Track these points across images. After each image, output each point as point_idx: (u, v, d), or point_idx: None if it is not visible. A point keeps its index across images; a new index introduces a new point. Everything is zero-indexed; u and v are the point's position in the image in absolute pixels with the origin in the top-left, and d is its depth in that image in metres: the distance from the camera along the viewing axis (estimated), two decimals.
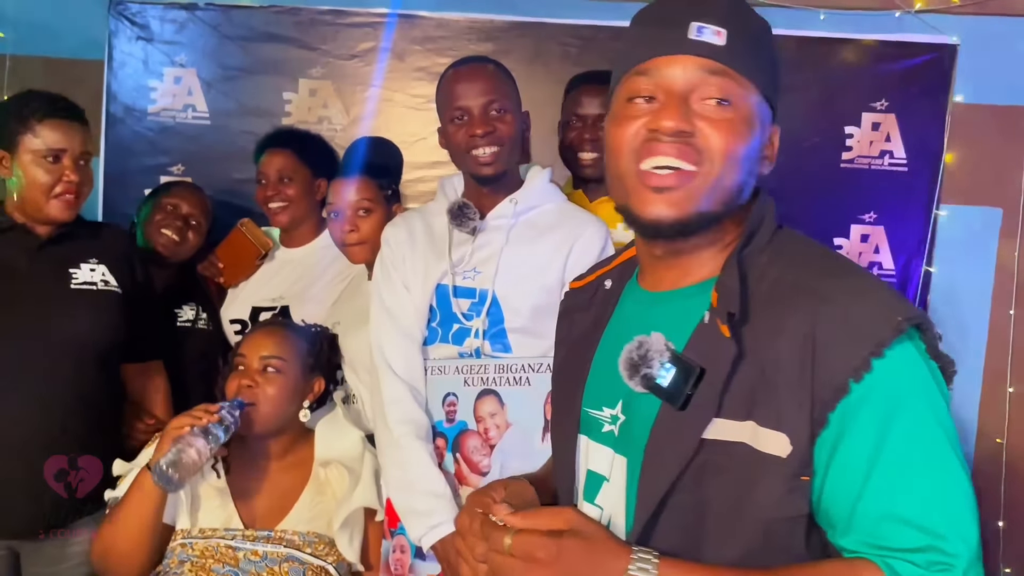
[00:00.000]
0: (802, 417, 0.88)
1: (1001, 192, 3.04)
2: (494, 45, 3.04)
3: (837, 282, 0.92)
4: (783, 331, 0.90)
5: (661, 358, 0.95)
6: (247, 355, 1.85)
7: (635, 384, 0.97)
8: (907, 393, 0.88)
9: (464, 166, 1.80)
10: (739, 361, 0.92)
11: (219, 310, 2.47)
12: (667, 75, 0.97)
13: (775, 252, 0.99)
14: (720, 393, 0.92)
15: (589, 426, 1.11)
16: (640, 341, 0.97)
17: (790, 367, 0.89)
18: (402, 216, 1.96)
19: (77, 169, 1.93)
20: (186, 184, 2.66)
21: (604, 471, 1.07)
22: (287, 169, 2.39)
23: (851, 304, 0.90)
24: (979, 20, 2.99)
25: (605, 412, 1.07)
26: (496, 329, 1.75)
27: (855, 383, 0.87)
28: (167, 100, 3.10)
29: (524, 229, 1.79)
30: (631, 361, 0.97)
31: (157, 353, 2.25)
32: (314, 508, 1.84)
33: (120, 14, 3.08)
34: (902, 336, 0.88)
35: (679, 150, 0.95)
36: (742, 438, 0.91)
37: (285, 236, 2.49)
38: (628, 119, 0.99)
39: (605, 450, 1.07)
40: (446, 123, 1.78)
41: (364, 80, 3.10)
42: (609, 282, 1.17)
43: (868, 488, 0.88)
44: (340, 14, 3.07)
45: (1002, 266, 3.04)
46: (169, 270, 2.43)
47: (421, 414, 1.77)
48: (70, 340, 1.94)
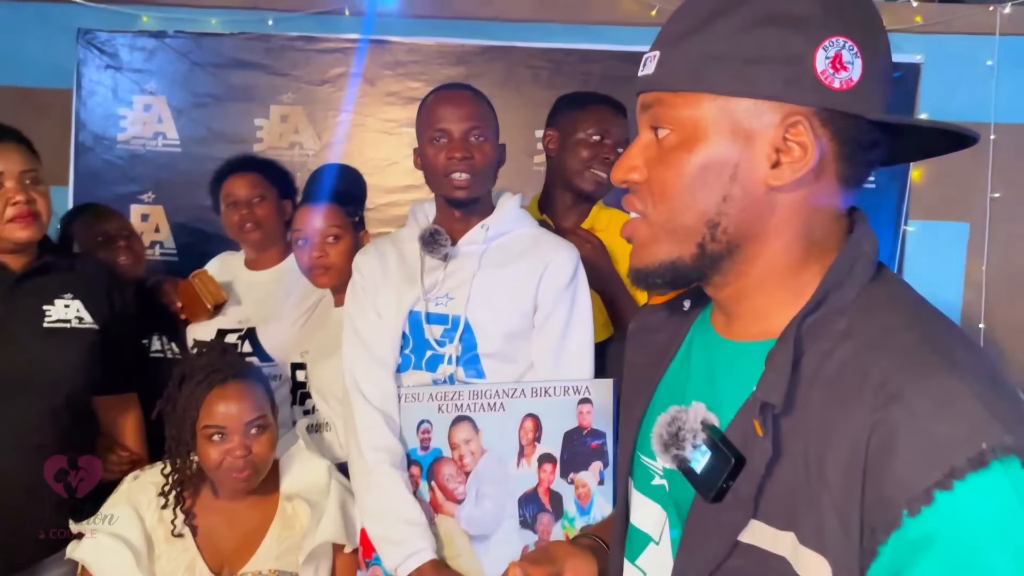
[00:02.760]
0: (848, 544, 0.69)
1: (967, 207, 3.09)
2: (465, 69, 3.05)
3: (921, 377, 0.69)
4: (835, 431, 0.71)
5: (695, 440, 0.80)
6: (228, 426, 1.74)
7: (667, 462, 0.83)
8: (988, 543, 0.64)
9: (439, 188, 1.80)
10: (776, 461, 0.75)
11: (184, 333, 2.45)
12: (637, 122, 0.87)
13: (857, 318, 0.76)
14: (756, 492, 0.75)
15: (638, 474, 0.96)
16: (674, 415, 0.83)
17: (837, 479, 0.70)
18: (373, 243, 1.95)
19: (22, 188, 1.87)
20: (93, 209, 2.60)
21: (651, 531, 0.92)
22: (258, 189, 2.37)
23: (927, 411, 0.67)
24: (942, 39, 3.05)
25: (658, 463, 0.91)
26: (469, 355, 1.74)
27: (910, 517, 0.65)
28: (137, 128, 3.10)
29: (496, 254, 1.79)
30: (662, 437, 0.83)
31: (131, 386, 2.22)
32: (282, 544, 1.80)
33: (88, 43, 3.07)
34: (988, 467, 0.64)
35: (628, 202, 0.87)
36: (782, 552, 0.74)
37: (251, 260, 2.46)
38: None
39: (652, 506, 0.92)
40: (424, 143, 1.78)
41: (335, 105, 3.10)
42: (688, 303, 0.98)
43: None
44: (311, 40, 3.08)
45: (970, 280, 3.09)
46: (130, 298, 2.41)
47: (395, 442, 1.76)
48: (43, 382, 1.90)
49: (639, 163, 0.84)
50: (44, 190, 1.94)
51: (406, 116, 3.08)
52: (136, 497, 1.79)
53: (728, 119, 0.78)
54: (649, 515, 0.92)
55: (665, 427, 0.83)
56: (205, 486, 1.83)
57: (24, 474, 1.87)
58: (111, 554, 1.71)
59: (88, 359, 1.98)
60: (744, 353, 0.84)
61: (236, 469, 1.74)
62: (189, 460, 1.79)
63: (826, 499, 0.70)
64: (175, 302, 2.41)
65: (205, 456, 1.76)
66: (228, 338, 2.32)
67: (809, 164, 0.77)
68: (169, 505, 1.77)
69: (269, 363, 2.25)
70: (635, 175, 0.84)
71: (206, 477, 1.82)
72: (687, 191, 0.80)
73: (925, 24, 3.05)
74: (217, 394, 1.76)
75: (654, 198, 0.82)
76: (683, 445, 0.81)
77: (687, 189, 0.80)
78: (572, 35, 3.05)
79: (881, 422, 0.68)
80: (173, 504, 1.77)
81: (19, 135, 1.94)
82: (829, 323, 0.77)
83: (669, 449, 0.82)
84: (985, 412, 0.66)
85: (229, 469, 1.74)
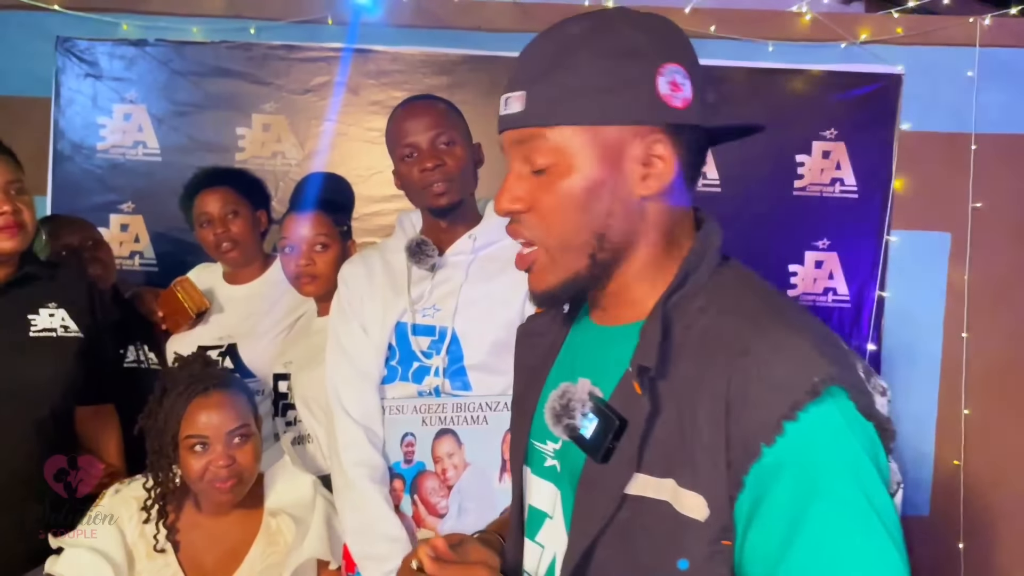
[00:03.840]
0: (718, 479, 0.82)
1: (949, 217, 3.11)
2: (449, 79, 3.04)
3: (762, 334, 0.84)
4: (701, 386, 0.85)
5: (584, 408, 0.91)
6: (210, 435, 1.72)
7: (559, 432, 0.94)
8: (828, 462, 0.79)
9: (420, 202, 1.79)
10: (655, 417, 0.87)
11: (163, 346, 2.41)
12: (509, 153, 0.96)
13: (711, 295, 0.92)
14: (639, 448, 0.87)
15: (533, 459, 1.08)
16: (564, 389, 0.94)
17: (706, 425, 0.83)
18: (360, 254, 1.93)
19: (8, 199, 1.87)
20: (56, 221, 2.54)
21: (546, 507, 1.03)
22: (230, 205, 2.31)
23: (769, 359, 0.82)
24: (922, 50, 3.07)
25: (548, 446, 1.04)
26: (456, 367, 1.73)
27: (767, 447, 0.79)
28: (117, 137, 3.06)
29: (483, 265, 1.78)
30: (554, 410, 0.93)
31: (109, 396, 2.19)
32: (266, 559, 1.78)
33: (68, 51, 3.03)
34: (821, 397, 0.79)
35: (514, 231, 0.98)
36: (664, 496, 0.86)
37: (229, 274, 2.42)
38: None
39: (546, 485, 1.04)
40: (398, 163, 1.77)
41: (318, 114, 3.08)
42: (567, 306, 1.11)
43: (785, 567, 0.78)
44: (293, 49, 3.06)
45: (953, 289, 3.11)
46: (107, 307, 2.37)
47: (377, 457, 1.74)
48: (29, 389, 1.89)
49: (521, 194, 0.94)
50: (29, 200, 1.94)
51: None
52: (117, 511, 1.77)
53: (597, 144, 0.90)
54: (544, 494, 1.04)
55: (557, 400, 0.94)
56: (188, 501, 1.81)
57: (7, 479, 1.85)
58: (91, 569, 1.68)
59: (74, 367, 1.97)
60: (619, 335, 0.97)
61: (219, 479, 1.72)
62: (172, 473, 1.77)
63: (698, 445, 0.84)
64: (156, 312, 2.37)
65: (188, 467, 1.73)
66: (209, 354, 2.29)
67: (672, 173, 0.91)
68: (152, 520, 1.75)
69: (251, 379, 2.22)
70: (519, 205, 0.95)
71: (189, 492, 1.79)
72: (575, 212, 0.92)
73: (906, 35, 3.07)
74: (198, 404, 1.74)
75: (546, 224, 0.93)
76: (573, 414, 0.91)
77: (575, 210, 0.92)
78: None
79: (736, 372, 0.83)
80: (156, 519, 1.74)
81: (3, 146, 1.94)
82: (689, 301, 0.91)
83: (561, 419, 0.92)
84: (815, 353, 0.82)
85: (212, 479, 1.72)
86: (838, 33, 3.05)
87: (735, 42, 3.01)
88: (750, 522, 0.81)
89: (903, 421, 3.11)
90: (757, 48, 3.03)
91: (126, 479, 1.88)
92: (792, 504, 0.78)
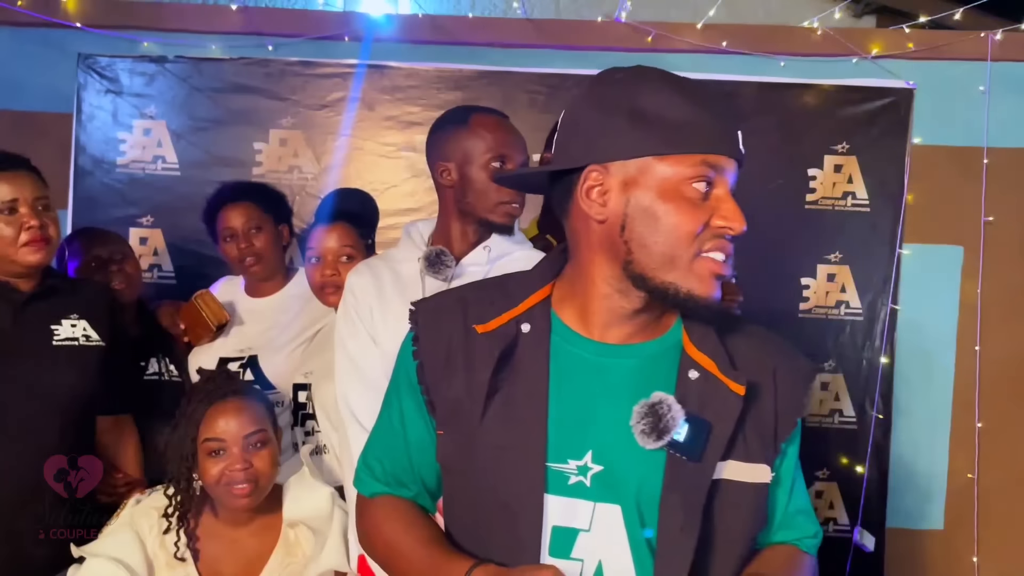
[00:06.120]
0: (771, 449, 1.11)
1: (961, 230, 3.11)
2: (463, 94, 3.08)
3: (771, 336, 1.19)
4: (757, 380, 1.09)
5: (679, 417, 1.03)
6: (227, 439, 1.75)
7: (651, 444, 1.03)
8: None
9: (491, 214, 1.81)
10: (745, 411, 1.08)
11: (185, 359, 2.44)
12: (727, 177, 1.04)
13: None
14: (728, 440, 1.06)
15: (554, 482, 1.07)
16: (654, 404, 1.04)
17: (763, 410, 1.10)
18: (366, 264, 1.93)
19: (36, 214, 1.92)
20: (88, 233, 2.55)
21: (577, 524, 1.07)
22: (254, 219, 2.36)
23: (794, 355, 1.16)
24: (933, 65, 3.08)
25: (571, 464, 1.07)
26: None
27: (801, 420, 1.15)
28: (136, 152, 3.10)
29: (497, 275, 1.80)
30: (651, 425, 1.03)
31: (128, 407, 2.22)
32: (284, 570, 1.79)
33: (89, 67, 3.08)
34: (814, 379, 1.21)
35: (728, 248, 1.06)
36: (745, 476, 1.08)
37: (251, 286, 2.46)
38: (691, 205, 1.02)
39: (575, 502, 1.07)
40: (477, 168, 1.78)
41: (334, 129, 3.12)
42: (527, 326, 1.11)
43: (793, 494, 1.19)
44: (310, 65, 3.10)
45: (966, 303, 3.10)
46: (130, 320, 2.40)
47: None
48: (52, 395, 1.93)
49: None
50: (54, 216, 1.99)
51: (404, 140, 3.10)
52: (138, 521, 1.79)
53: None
54: (574, 511, 1.07)
55: (645, 416, 1.03)
56: (207, 509, 1.83)
57: (33, 483, 1.89)
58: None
59: (96, 375, 2.01)
60: (646, 350, 1.11)
61: (236, 483, 1.74)
62: (192, 480, 1.79)
63: (762, 426, 1.10)
64: (177, 324, 2.40)
65: (205, 472, 1.75)
66: (230, 366, 2.32)
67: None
68: (172, 528, 1.77)
69: (271, 391, 2.25)
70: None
71: (208, 500, 1.81)
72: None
73: (917, 50, 3.08)
74: (216, 409, 1.77)
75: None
76: (670, 425, 1.03)
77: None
78: (568, 60, 3.08)
79: (778, 367, 1.13)
80: (176, 526, 1.77)
81: (30, 163, 1.99)
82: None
83: (663, 436, 1.03)
84: (799, 351, 1.18)
85: (229, 484, 1.74)
86: (850, 48, 3.06)
87: (747, 57, 3.03)
88: (778, 473, 1.14)
89: (917, 434, 3.11)
90: (769, 63, 3.05)
91: (146, 490, 1.90)
92: (798, 448, 1.18)
